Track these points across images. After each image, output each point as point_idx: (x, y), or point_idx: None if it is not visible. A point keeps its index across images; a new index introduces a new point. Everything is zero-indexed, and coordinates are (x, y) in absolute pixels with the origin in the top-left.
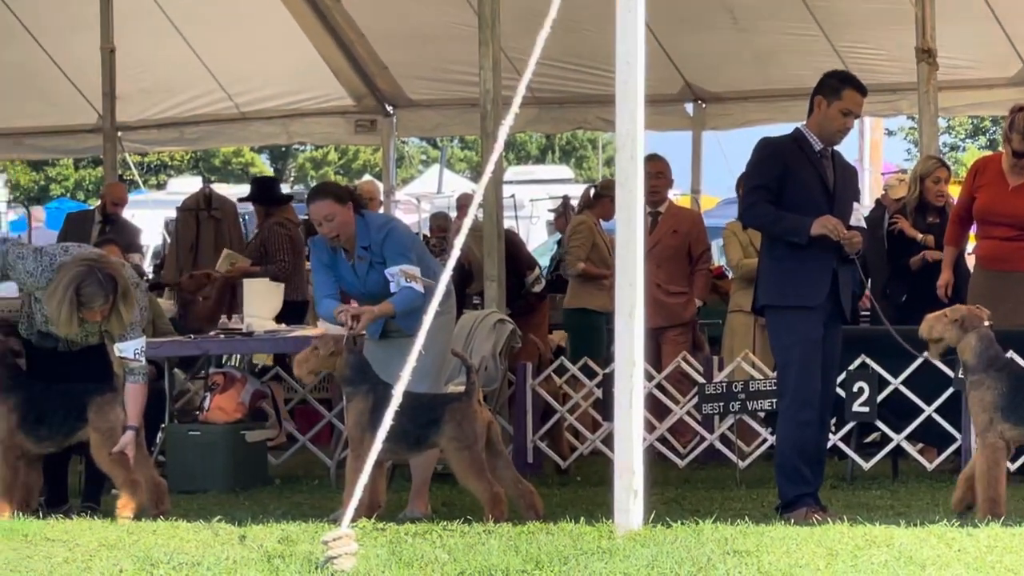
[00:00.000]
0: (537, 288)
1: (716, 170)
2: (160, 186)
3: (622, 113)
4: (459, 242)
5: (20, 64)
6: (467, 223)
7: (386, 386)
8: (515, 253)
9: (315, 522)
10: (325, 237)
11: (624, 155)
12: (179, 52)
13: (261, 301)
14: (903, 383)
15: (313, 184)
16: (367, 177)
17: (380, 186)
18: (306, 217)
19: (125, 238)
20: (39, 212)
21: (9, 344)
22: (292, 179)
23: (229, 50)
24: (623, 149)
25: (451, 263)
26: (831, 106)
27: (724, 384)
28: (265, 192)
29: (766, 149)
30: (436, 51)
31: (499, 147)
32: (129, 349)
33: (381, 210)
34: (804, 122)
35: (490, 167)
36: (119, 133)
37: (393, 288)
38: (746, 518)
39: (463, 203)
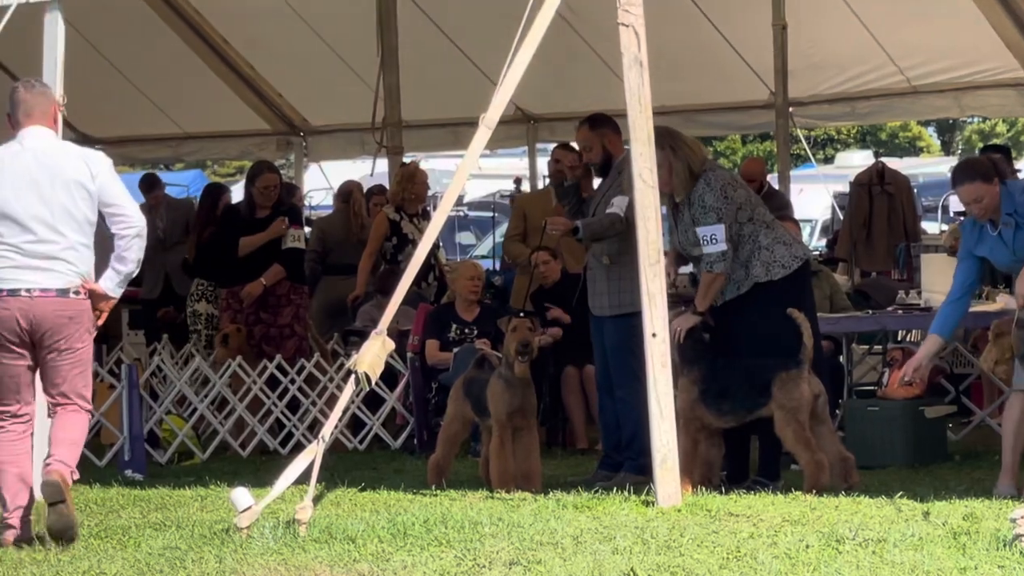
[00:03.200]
0: None
1: None
2: (828, 160)
3: None
4: None
5: (694, 43)
6: None
7: None
8: None
9: (998, 499)
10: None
11: None
12: (850, 27)
13: (941, 276)
14: None
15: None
16: None
17: None
18: None
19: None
20: None
21: (694, 320)
22: (959, 152)
23: (900, 24)
24: None
25: None
26: None
27: None
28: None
29: None
30: None
31: None
32: None
33: None
34: None
35: None
36: (790, 109)
37: None
38: None
39: None
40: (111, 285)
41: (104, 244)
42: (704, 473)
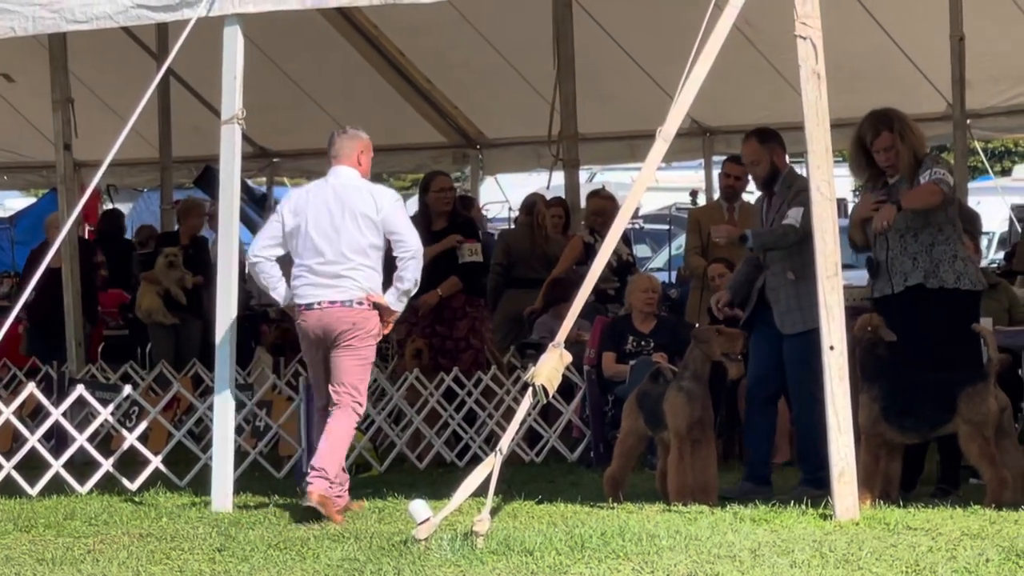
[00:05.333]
0: None
1: None
2: (1005, 172)
3: None
4: None
5: (871, 54)
6: None
7: None
8: None
9: None
10: None
11: None
12: None
13: None
14: None
15: None
16: None
17: None
18: None
19: None
20: None
21: (876, 333)
22: None
23: None
24: None
25: None
26: None
27: None
28: None
29: None
30: None
31: None
32: None
33: None
34: None
35: None
36: (968, 120)
37: None
38: None
39: None
40: (392, 299)
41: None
42: (884, 487)
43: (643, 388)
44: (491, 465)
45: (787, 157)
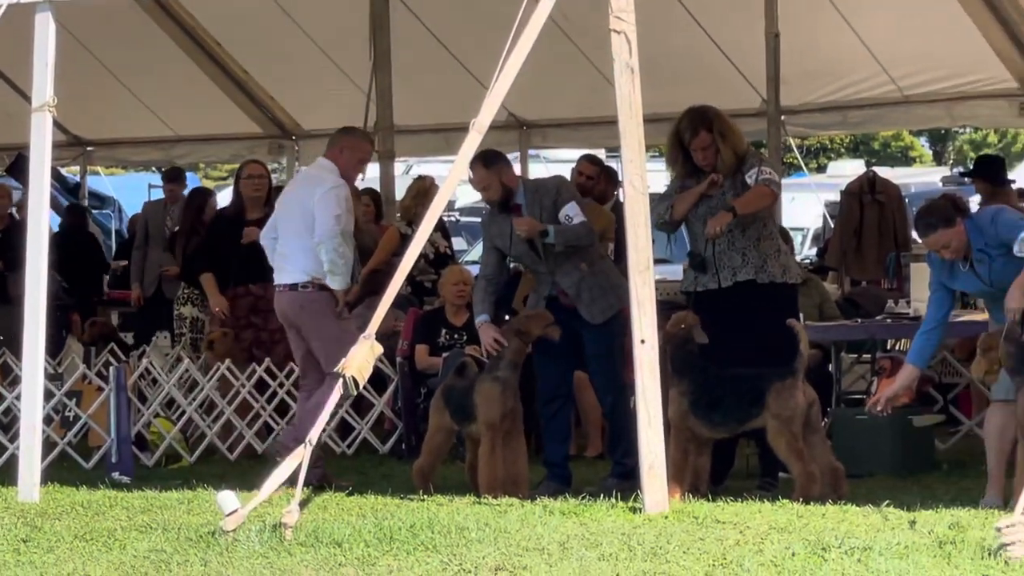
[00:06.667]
0: None
1: None
2: (820, 169)
3: None
4: None
5: (686, 50)
6: None
7: None
8: None
9: (985, 509)
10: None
11: None
12: (843, 36)
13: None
14: None
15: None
16: None
17: None
18: None
19: None
20: None
21: (687, 330)
22: (951, 162)
23: (892, 33)
24: None
25: None
26: None
27: None
28: (990, 170)
29: None
30: None
31: None
32: None
33: None
34: None
35: None
36: (782, 117)
37: (1019, 252)
38: None
39: None
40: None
41: None
42: (693, 481)
43: (449, 383)
44: (301, 456)
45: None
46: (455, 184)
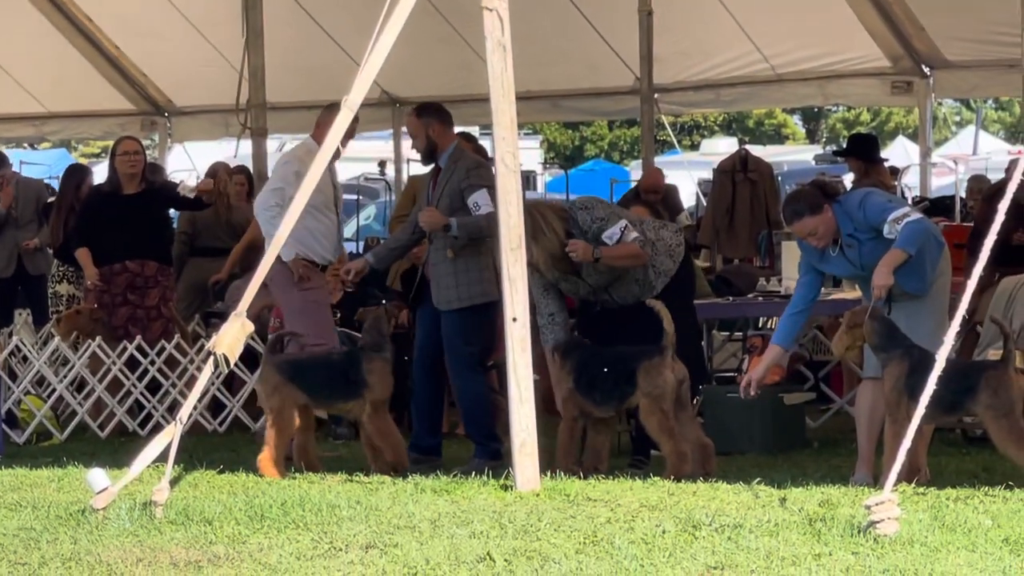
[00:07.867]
0: None
1: None
2: (694, 147)
3: None
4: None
5: (560, 28)
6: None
7: (920, 350)
8: None
9: (855, 486)
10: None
11: None
12: (716, 14)
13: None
14: None
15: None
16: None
17: None
18: None
19: None
20: None
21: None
22: (824, 140)
23: (765, 11)
24: None
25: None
26: None
27: None
28: (863, 148)
29: None
30: (974, 12)
31: None
32: None
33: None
34: None
35: None
36: (656, 95)
37: (889, 234)
38: None
39: None
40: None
41: None
42: (593, 462)
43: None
44: (171, 434)
45: (452, 130)
46: (326, 161)
